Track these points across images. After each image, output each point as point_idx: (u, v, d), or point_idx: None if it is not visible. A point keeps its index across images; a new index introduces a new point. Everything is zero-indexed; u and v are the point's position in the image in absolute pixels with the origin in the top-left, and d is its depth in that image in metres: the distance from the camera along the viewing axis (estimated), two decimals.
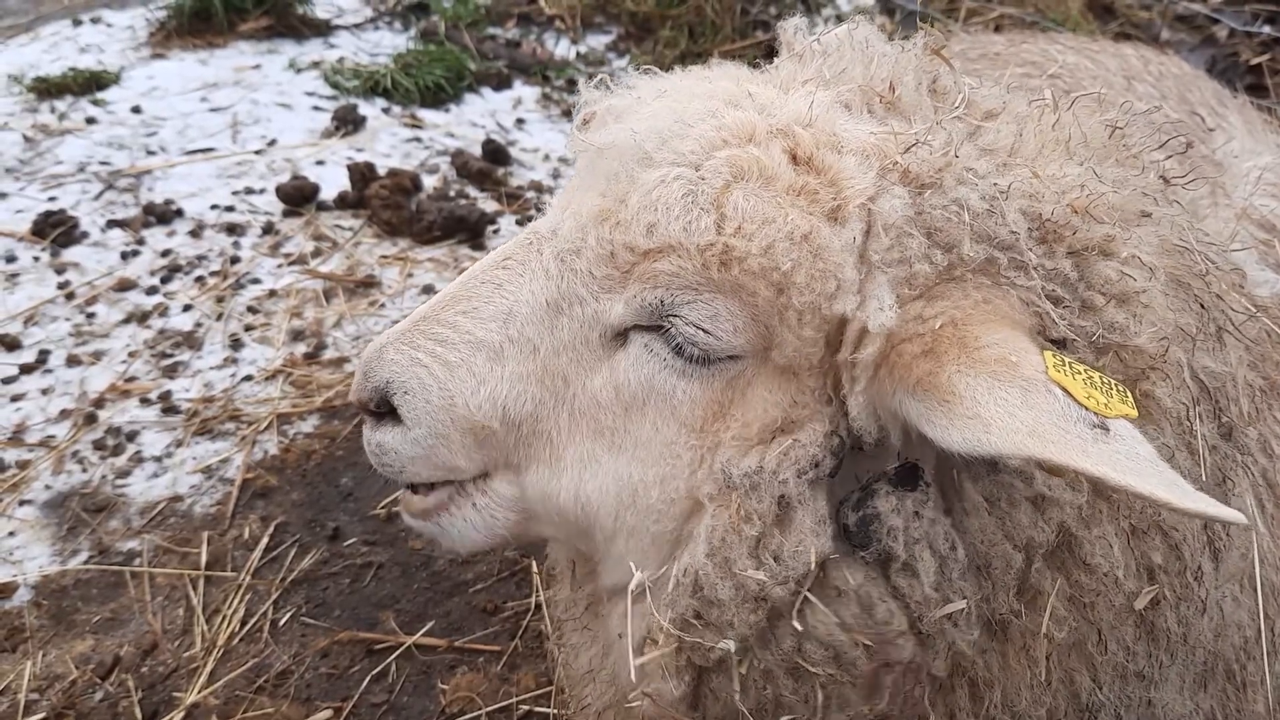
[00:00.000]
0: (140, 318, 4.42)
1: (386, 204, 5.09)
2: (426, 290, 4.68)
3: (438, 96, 6.42)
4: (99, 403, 3.96)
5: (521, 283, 1.55)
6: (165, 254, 4.85)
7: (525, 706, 2.88)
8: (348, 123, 5.99)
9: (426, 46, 6.97)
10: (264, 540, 3.43)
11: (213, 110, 6.13)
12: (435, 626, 3.16)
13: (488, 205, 5.36)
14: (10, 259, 4.72)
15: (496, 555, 3.41)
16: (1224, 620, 1.55)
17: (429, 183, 5.53)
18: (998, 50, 3.23)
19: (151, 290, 4.61)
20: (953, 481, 1.37)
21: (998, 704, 1.44)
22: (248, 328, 4.41)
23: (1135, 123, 1.60)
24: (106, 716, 2.86)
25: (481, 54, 7.05)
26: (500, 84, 6.76)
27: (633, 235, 1.40)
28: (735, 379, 1.42)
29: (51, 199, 5.18)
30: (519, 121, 6.39)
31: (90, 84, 6.25)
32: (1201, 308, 1.47)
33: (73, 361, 4.16)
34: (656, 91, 1.57)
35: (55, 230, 4.83)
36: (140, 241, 4.92)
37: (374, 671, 3.01)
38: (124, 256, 4.81)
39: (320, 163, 5.64)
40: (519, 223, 5.26)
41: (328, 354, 4.29)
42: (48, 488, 3.61)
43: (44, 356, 4.17)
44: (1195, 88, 2.98)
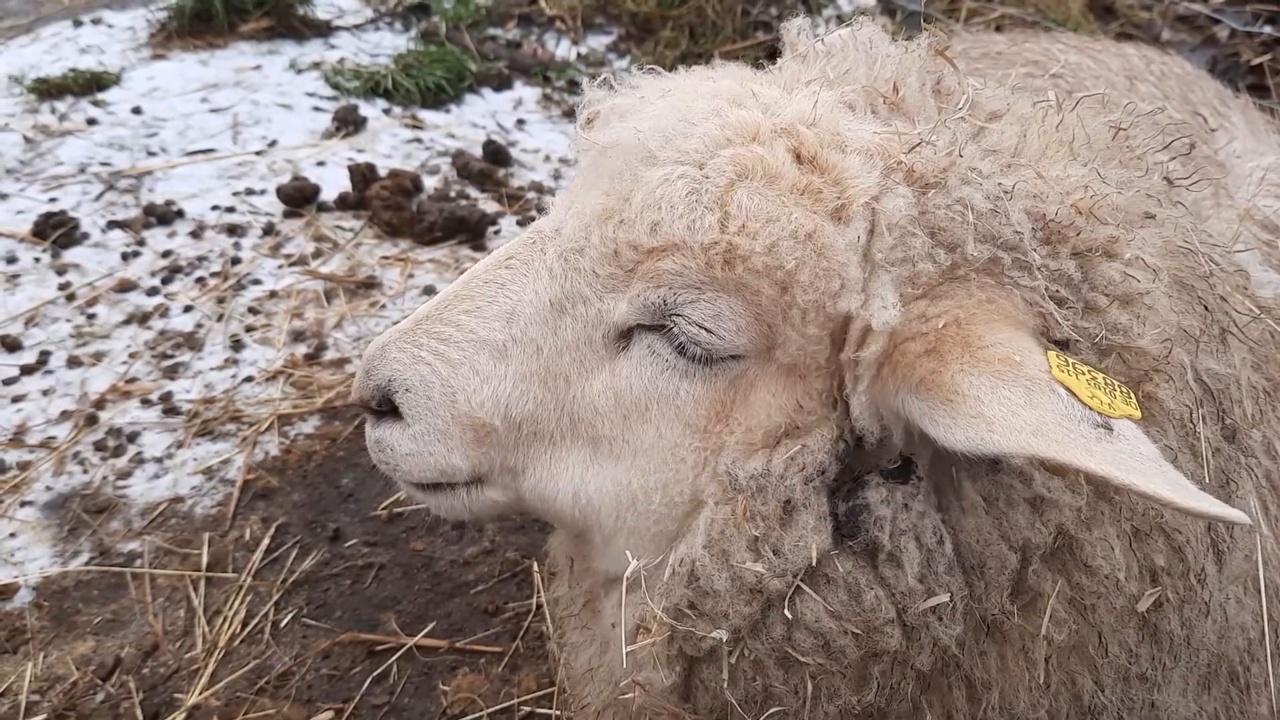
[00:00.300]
0: (141, 319, 4.42)
1: (387, 205, 5.09)
2: (427, 291, 4.67)
3: (438, 97, 6.42)
4: (100, 404, 3.96)
5: (525, 282, 1.54)
6: (166, 255, 4.85)
7: (527, 708, 2.88)
8: (348, 123, 5.99)
9: (427, 47, 6.97)
10: (265, 541, 3.43)
11: (213, 111, 6.13)
12: (436, 628, 3.16)
13: (489, 206, 5.35)
14: (11, 260, 4.72)
15: (497, 556, 3.41)
16: (1227, 622, 1.55)
17: (430, 183, 5.53)
18: (1000, 49, 3.23)
19: (152, 291, 4.61)
20: (951, 480, 1.37)
21: (995, 706, 1.44)
22: (248, 329, 4.41)
23: (1139, 124, 1.60)
24: (108, 718, 2.85)
25: (482, 55, 7.05)
26: (501, 85, 6.76)
27: (636, 234, 1.40)
28: (738, 379, 1.42)
29: (52, 200, 5.18)
30: (520, 122, 6.39)
31: (91, 85, 6.25)
32: (1205, 309, 1.47)
33: (73, 362, 4.15)
34: (660, 91, 1.56)
35: (56, 231, 4.84)
36: (141, 242, 4.92)
37: (375, 673, 3.00)
38: (125, 257, 4.81)
39: (321, 163, 5.64)
40: (520, 223, 5.25)
41: (328, 355, 4.29)
42: (49, 489, 3.61)
43: (45, 357, 4.17)
44: (1197, 88, 2.98)
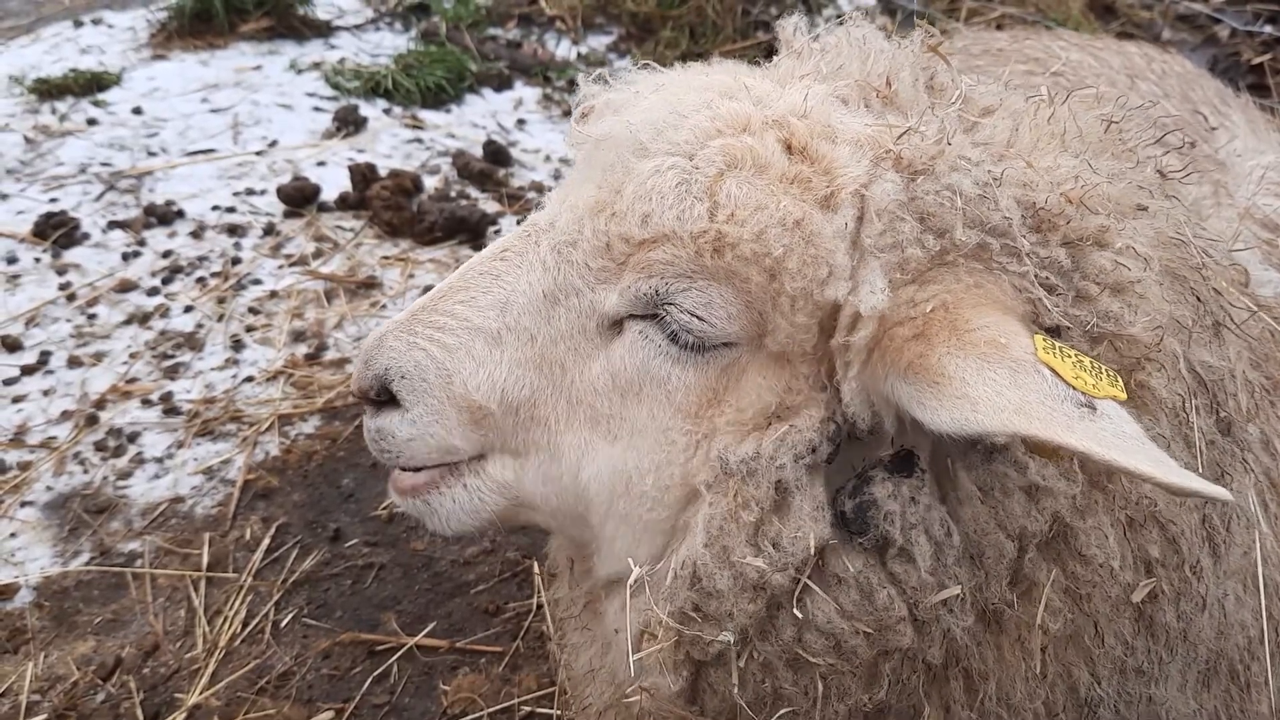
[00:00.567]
0: (141, 319, 4.43)
1: (388, 205, 5.09)
2: (427, 291, 4.67)
3: (439, 97, 6.42)
4: (100, 404, 3.96)
5: (519, 274, 1.57)
6: (166, 255, 4.85)
7: (527, 708, 2.88)
8: (349, 124, 5.99)
9: (427, 47, 6.97)
10: (265, 541, 3.43)
11: (214, 111, 6.13)
12: (437, 627, 3.16)
13: (489, 206, 5.35)
14: (11, 260, 4.72)
15: (498, 556, 3.41)
16: (1226, 619, 1.55)
17: (430, 183, 5.53)
18: (1000, 46, 3.23)
19: (153, 291, 4.61)
20: (948, 470, 1.37)
21: (992, 696, 1.44)
22: (249, 329, 4.41)
23: (1132, 118, 1.60)
24: (108, 718, 2.86)
25: (482, 55, 7.05)
26: (501, 85, 6.76)
27: (628, 226, 1.41)
28: (730, 366, 1.43)
29: (53, 200, 5.19)
30: (520, 122, 6.39)
31: (91, 85, 6.25)
32: (1198, 300, 1.47)
33: (74, 363, 4.16)
34: (654, 86, 1.58)
35: (56, 231, 4.84)
36: (141, 242, 4.92)
37: (376, 673, 3.00)
38: (125, 258, 4.81)
39: (321, 164, 5.64)
40: (520, 224, 5.24)
41: (329, 355, 4.29)
42: (49, 489, 3.61)
43: (45, 358, 4.18)
44: (1198, 86, 2.98)
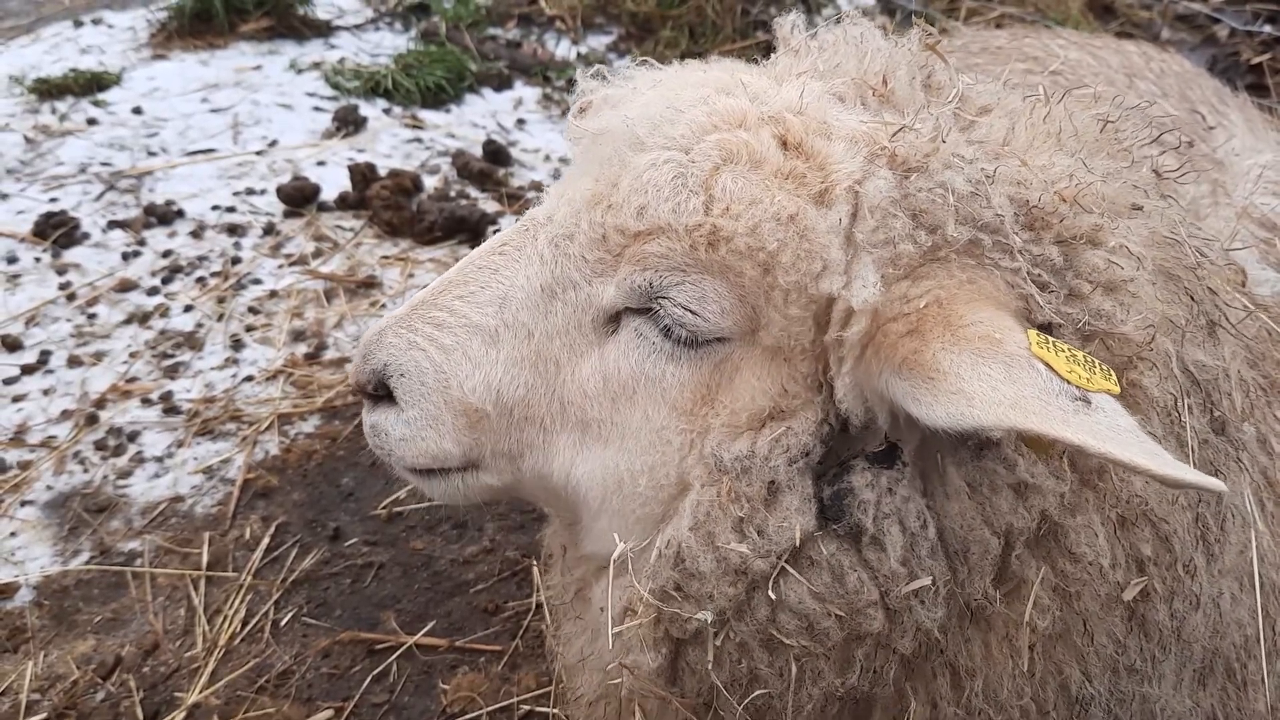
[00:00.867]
0: (141, 318, 4.43)
1: (387, 204, 5.09)
2: None
3: (438, 97, 6.42)
4: (100, 403, 3.97)
5: (517, 268, 1.57)
6: (166, 255, 4.85)
7: (526, 706, 2.88)
8: (349, 123, 5.99)
9: (427, 47, 6.97)
10: (265, 540, 3.43)
11: (214, 111, 6.14)
12: (436, 626, 3.16)
13: (489, 206, 5.36)
14: (11, 260, 4.73)
15: (497, 555, 3.41)
16: (1222, 618, 1.55)
17: (430, 183, 5.53)
18: (999, 45, 3.23)
19: (152, 291, 4.61)
20: (937, 465, 1.38)
21: (979, 693, 1.45)
22: (249, 328, 4.42)
23: (1129, 117, 1.60)
24: (108, 716, 2.86)
25: (482, 54, 7.05)
26: (501, 85, 6.77)
27: (623, 218, 1.42)
28: (723, 362, 1.44)
29: (53, 200, 5.19)
30: (520, 122, 6.40)
31: (91, 85, 6.26)
32: (1191, 300, 1.47)
33: (74, 362, 4.16)
34: (652, 82, 1.60)
35: (56, 231, 4.84)
36: (141, 242, 4.93)
37: (375, 671, 3.01)
38: (125, 257, 4.82)
39: (321, 163, 5.65)
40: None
41: (329, 354, 4.29)
42: (49, 488, 3.62)
43: (45, 357, 4.18)
44: (1196, 85, 2.98)
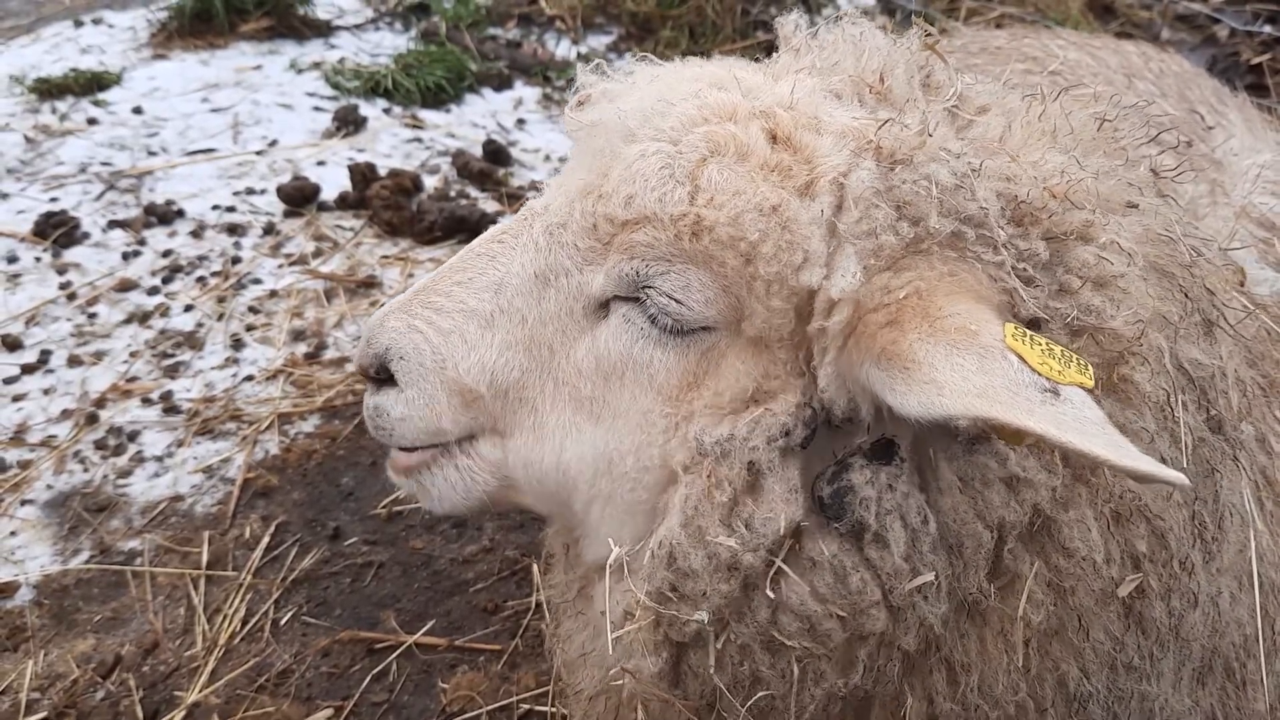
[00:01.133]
0: (141, 318, 4.43)
1: (387, 204, 5.10)
2: None
3: (438, 97, 6.43)
4: (100, 403, 3.97)
5: (513, 255, 1.61)
6: (166, 254, 4.86)
7: (525, 705, 2.89)
8: (349, 123, 6.00)
9: (427, 47, 6.98)
10: (265, 540, 3.43)
11: (214, 111, 6.14)
12: (436, 626, 3.16)
13: (488, 206, 5.36)
14: (12, 259, 4.73)
15: (497, 555, 3.41)
16: (1221, 616, 1.55)
17: (430, 183, 5.54)
18: (999, 45, 3.23)
19: (153, 290, 4.62)
20: (929, 461, 1.38)
21: (975, 688, 1.45)
22: (249, 328, 4.42)
23: (1126, 116, 1.61)
24: (108, 716, 2.86)
25: (482, 54, 7.05)
26: (501, 84, 6.77)
27: (612, 207, 1.45)
28: (709, 350, 1.46)
29: (53, 200, 5.19)
30: (520, 122, 6.40)
31: (91, 85, 6.26)
32: (1185, 297, 1.47)
33: (74, 362, 4.16)
34: (650, 77, 1.63)
35: (57, 231, 4.85)
36: (141, 242, 4.93)
37: (375, 670, 3.01)
38: (125, 257, 4.82)
39: (321, 163, 5.65)
40: None
41: (329, 354, 4.29)
42: (49, 487, 3.62)
43: (45, 357, 4.18)
44: (1195, 85, 2.98)
